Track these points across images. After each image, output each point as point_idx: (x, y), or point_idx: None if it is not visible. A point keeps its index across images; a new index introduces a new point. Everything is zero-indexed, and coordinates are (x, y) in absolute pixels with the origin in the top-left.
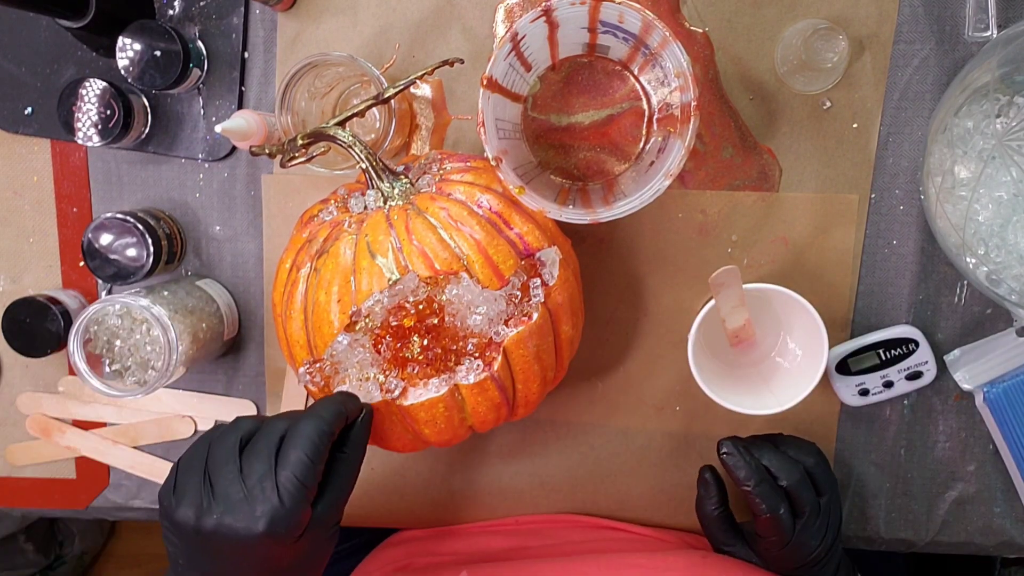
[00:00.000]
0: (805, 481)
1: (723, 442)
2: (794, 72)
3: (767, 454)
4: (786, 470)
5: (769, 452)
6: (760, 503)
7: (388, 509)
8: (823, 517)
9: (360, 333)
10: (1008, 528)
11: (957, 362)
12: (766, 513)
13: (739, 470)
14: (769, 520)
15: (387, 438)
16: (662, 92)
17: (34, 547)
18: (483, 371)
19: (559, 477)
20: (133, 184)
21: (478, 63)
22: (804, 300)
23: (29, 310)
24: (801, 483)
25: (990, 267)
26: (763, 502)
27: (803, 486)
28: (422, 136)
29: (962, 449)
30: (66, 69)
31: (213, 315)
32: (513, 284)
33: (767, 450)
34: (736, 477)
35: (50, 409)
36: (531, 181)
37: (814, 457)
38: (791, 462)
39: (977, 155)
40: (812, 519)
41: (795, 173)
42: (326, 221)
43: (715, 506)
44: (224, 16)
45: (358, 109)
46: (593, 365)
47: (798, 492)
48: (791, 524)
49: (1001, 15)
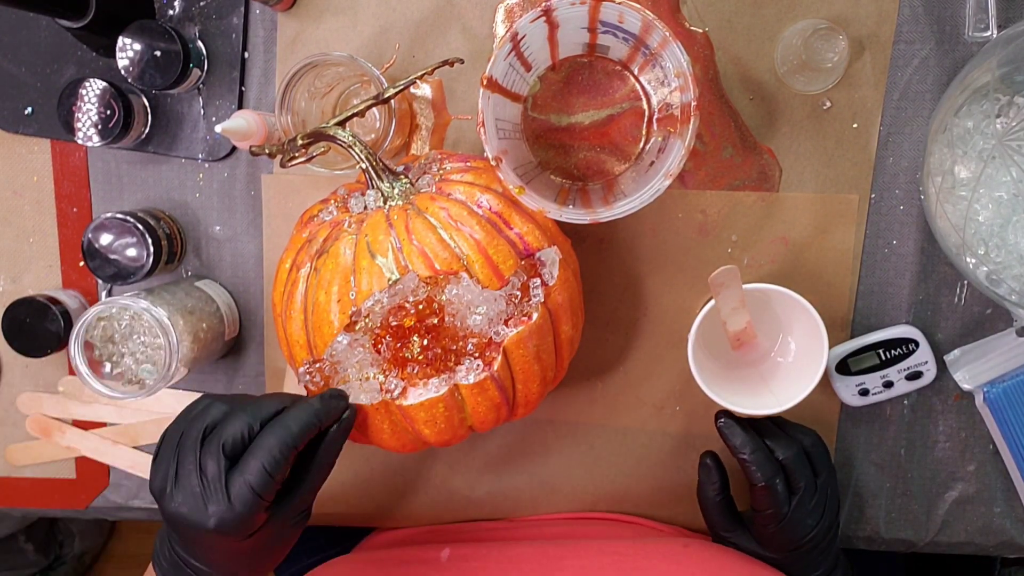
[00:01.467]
0: (802, 457)
1: (720, 412)
2: (794, 72)
3: (765, 430)
4: (783, 445)
5: (768, 428)
6: (756, 471)
7: (388, 509)
8: (819, 496)
9: (360, 333)
10: (1008, 528)
11: (957, 362)
12: (761, 482)
13: (735, 438)
14: (764, 490)
15: (387, 438)
16: (662, 92)
17: (34, 547)
18: (483, 371)
19: (559, 477)
20: (133, 184)
21: (478, 63)
22: (804, 300)
23: (29, 310)
24: (797, 458)
25: (990, 267)
26: (758, 470)
27: (799, 462)
28: (422, 136)
29: (962, 449)
30: (66, 69)
31: (213, 315)
32: (513, 284)
33: (766, 427)
34: (732, 445)
35: (50, 409)
36: (531, 181)
37: (812, 438)
38: (788, 439)
39: (977, 155)
40: (808, 496)
41: (795, 173)
42: (326, 221)
43: (716, 491)
44: (224, 16)
45: (358, 109)
46: (593, 365)
47: (794, 467)
48: (786, 497)
49: (1001, 15)
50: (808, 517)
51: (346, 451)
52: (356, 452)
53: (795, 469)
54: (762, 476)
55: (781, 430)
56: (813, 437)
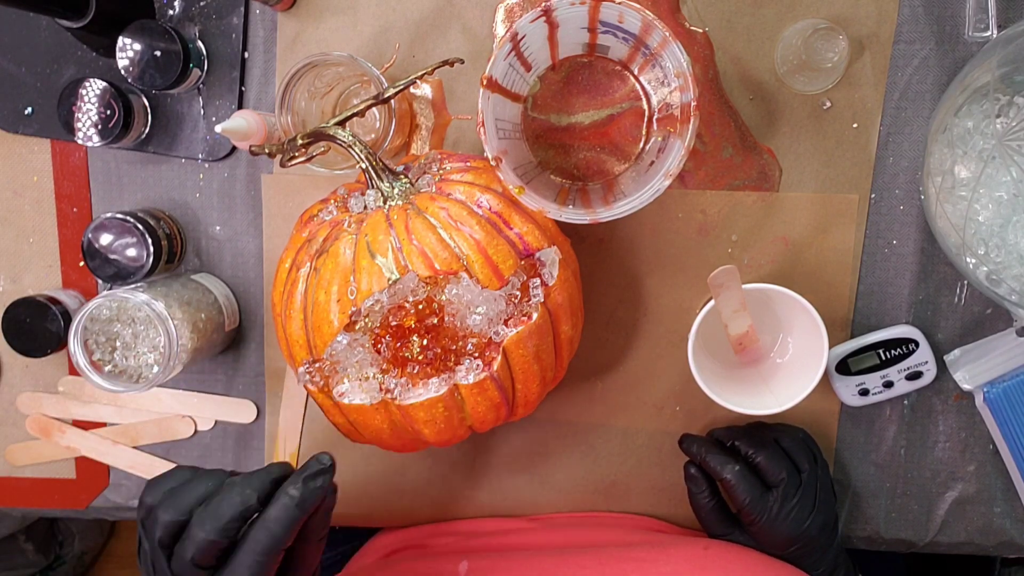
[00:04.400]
0: (777, 453)
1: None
2: (794, 72)
3: (737, 434)
4: (756, 443)
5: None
6: (715, 466)
7: (388, 509)
8: (804, 490)
9: (360, 333)
10: (1008, 528)
11: (957, 362)
12: (721, 475)
13: (689, 449)
14: (726, 483)
15: (387, 438)
16: (662, 92)
17: (34, 547)
18: (483, 371)
19: (559, 477)
20: (133, 184)
21: (478, 63)
22: (804, 300)
23: (29, 310)
24: (772, 455)
25: (990, 267)
26: (716, 464)
27: (774, 457)
28: (422, 136)
29: (962, 449)
30: (66, 69)
31: (211, 306)
32: (513, 284)
33: (739, 431)
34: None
35: (50, 409)
36: (531, 181)
37: (792, 435)
38: (761, 438)
39: (977, 155)
40: (791, 490)
41: (795, 173)
42: (326, 221)
43: (707, 497)
44: (224, 16)
45: (358, 109)
46: (593, 365)
47: (768, 462)
48: (757, 492)
49: (1001, 15)
50: (796, 511)
51: (346, 451)
52: (356, 452)
53: (769, 464)
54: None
55: (758, 431)
56: (796, 433)
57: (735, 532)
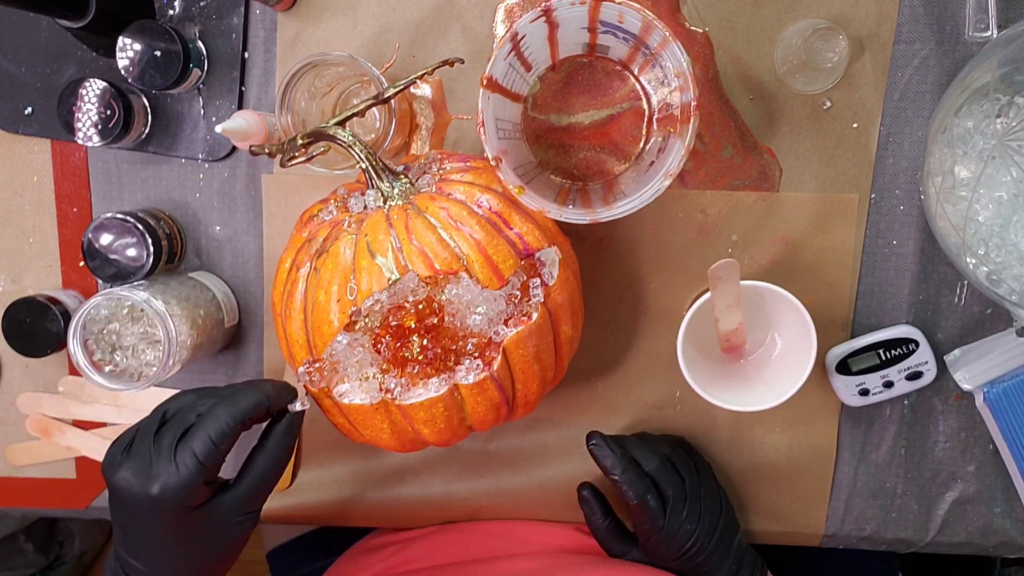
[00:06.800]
0: (665, 466)
1: (592, 434)
2: (794, 72)
3: (631, 444)
4: (646, 457)
5: (633, 443)
6: (628, 490)
7: (387, 509)
8: (691, 501)
9: (360, 333)
10: (1008, 528)
11: (957, 362)
12: (634, 500)
13: (606, 459)
14: (638, 507)
15: (386, 438)
16: (662, 92)
17: (34, 547)
18: (483, 371)
19: (559, 477)
20: (133, 184)
21: (478, 63)
22: (789, 294)
23: (29, 310)
24: (661, 468)
25: (990, 267)
26: (630, 488)
27: (663, 471)
28: (422, 136)
29: (962, 449)
30: (66, 69)
31: (210, 303)
32: (513, 284)
33: (631, 441)
34: (604, 466)
35: (50, 409)
36: (531, 181)
37: (669, 446)
38: (650, 451)
39: (977, 155)
40: (679, 503)
41: (795, 173)
42: (326, 221)
43: (602, 518)
44: (224, 16)
45: (358, 109)
46: (593, 365)
47: (659, 477)
48: (660, 510)
49: (1001, 15)
50: (685, 523)
51: (346, 451)
52: (356, 452)
53: (661, 479)
54: (635, 495)
55: (644, 443)
56: (670, 444)
57: (633, 550)
